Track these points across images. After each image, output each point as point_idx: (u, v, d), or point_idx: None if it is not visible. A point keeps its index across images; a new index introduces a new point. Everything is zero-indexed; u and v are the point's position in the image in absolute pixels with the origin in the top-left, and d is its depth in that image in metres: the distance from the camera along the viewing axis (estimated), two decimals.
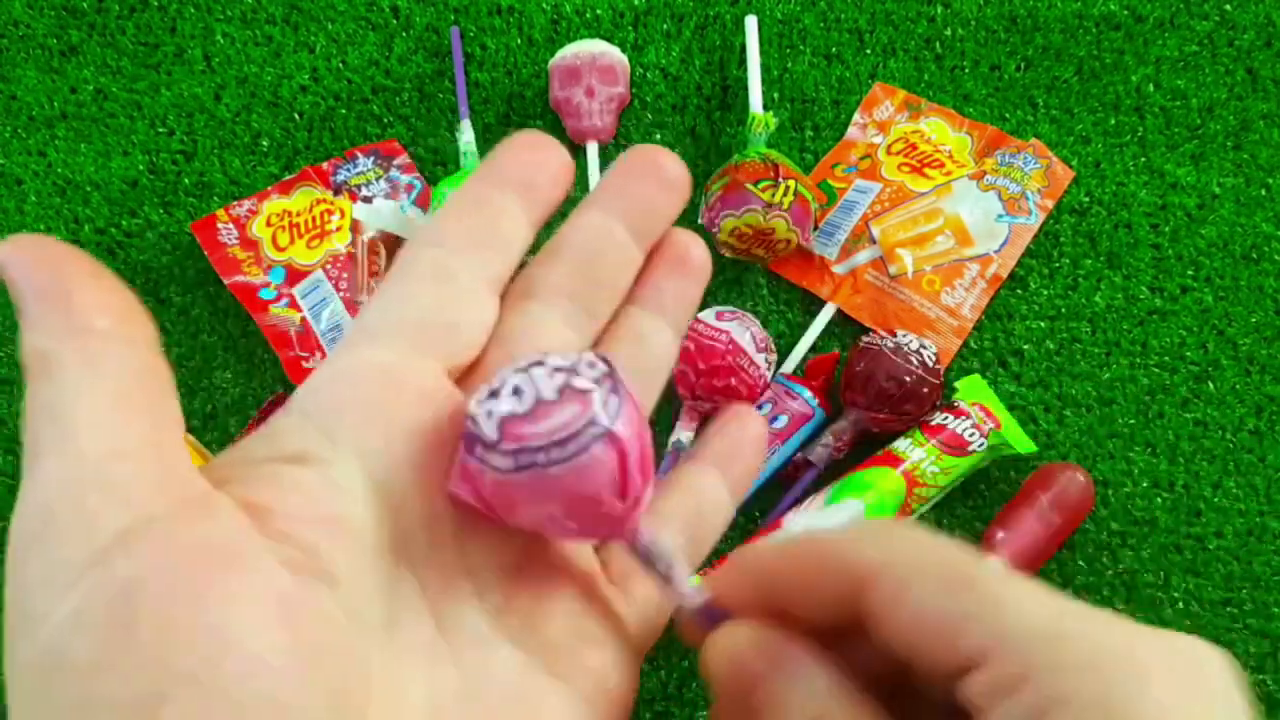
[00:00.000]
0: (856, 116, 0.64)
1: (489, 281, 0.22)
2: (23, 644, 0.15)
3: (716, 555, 0.52)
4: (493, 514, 0.19)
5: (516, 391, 0.18)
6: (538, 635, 0.20)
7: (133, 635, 0.14)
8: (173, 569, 0.15)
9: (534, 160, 0.23)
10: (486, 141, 0.63)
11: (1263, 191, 0.62)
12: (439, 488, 0.19)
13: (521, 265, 0.23)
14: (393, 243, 0.60)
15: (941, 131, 0.63)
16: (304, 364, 0.57)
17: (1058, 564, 0.54)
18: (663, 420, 0.56)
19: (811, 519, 0.51)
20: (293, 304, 0.58)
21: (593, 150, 0.61)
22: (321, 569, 0.16)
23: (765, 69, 0.64)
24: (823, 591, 0.19)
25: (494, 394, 0.18)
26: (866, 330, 0.58)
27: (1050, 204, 0.60)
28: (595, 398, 0.18)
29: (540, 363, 0.18)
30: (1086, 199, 0.61)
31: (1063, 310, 0.59)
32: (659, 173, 0.23)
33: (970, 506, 0.55)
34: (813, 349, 0.58)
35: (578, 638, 0.20)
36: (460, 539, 0.20)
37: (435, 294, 0.21)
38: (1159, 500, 0.55)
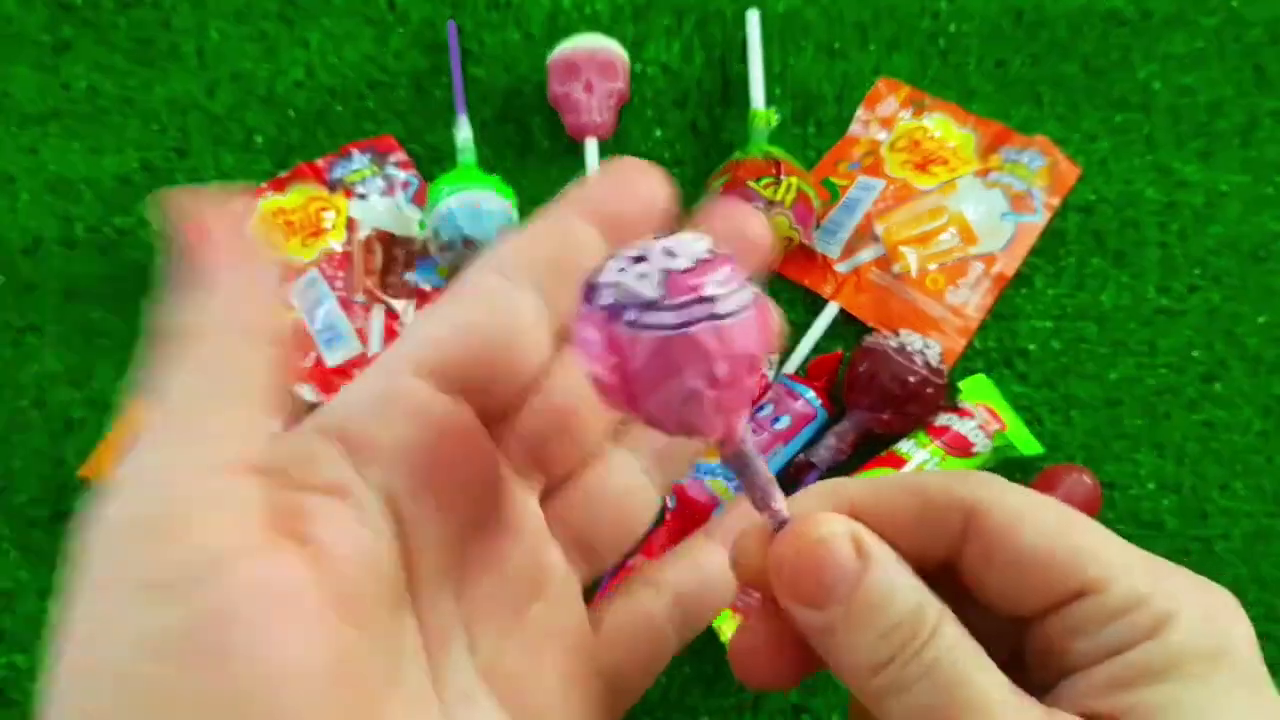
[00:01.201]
0: (859, 113, 0.63)
1: (548, 319, 0.21)
2: (81, 643, 0.15)
3: None
4: (628, 399, 0.18)
5: (669, 253, 0.17)
6: (524, 700, 0.20)
7: (202, 669, 0.15)
8: (248, 608, 0.15)
9: (625, 191, 0.21)
10: (484, 137, 0.62)
11: (1271, 189, 0.61)
12: (454, 534, 0.19)
13: None
14: (389, 241, 0.59)
15: (946, 128, 0.62)
16: (298, 365, 0.56)
17: None
18: None
19: None
20: (286, 303, 0.58)
21: (591, 147, 0.60)
22: (365, 617, 0.17)
23: (767, 64, 0.63)
24: (924, 525, 0.19)
25: (638, 259, 0.17)
26: (870, 330, 0.57)
27: (1056, 202, 0.59)
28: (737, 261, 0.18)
29: (670, 237, 0.18)
30: (1093, 197, 0.61)
31: (1069, 310, 0.58)
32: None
33: None
34: (815, 349, 0.57)
35: (563, 706, 0.21)
36: (460, 588, 0.20)
37: (488, 326, 0.20)
38: (1166, 502, 0.55)
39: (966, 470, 0.20)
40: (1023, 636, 0.19)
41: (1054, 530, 0.18)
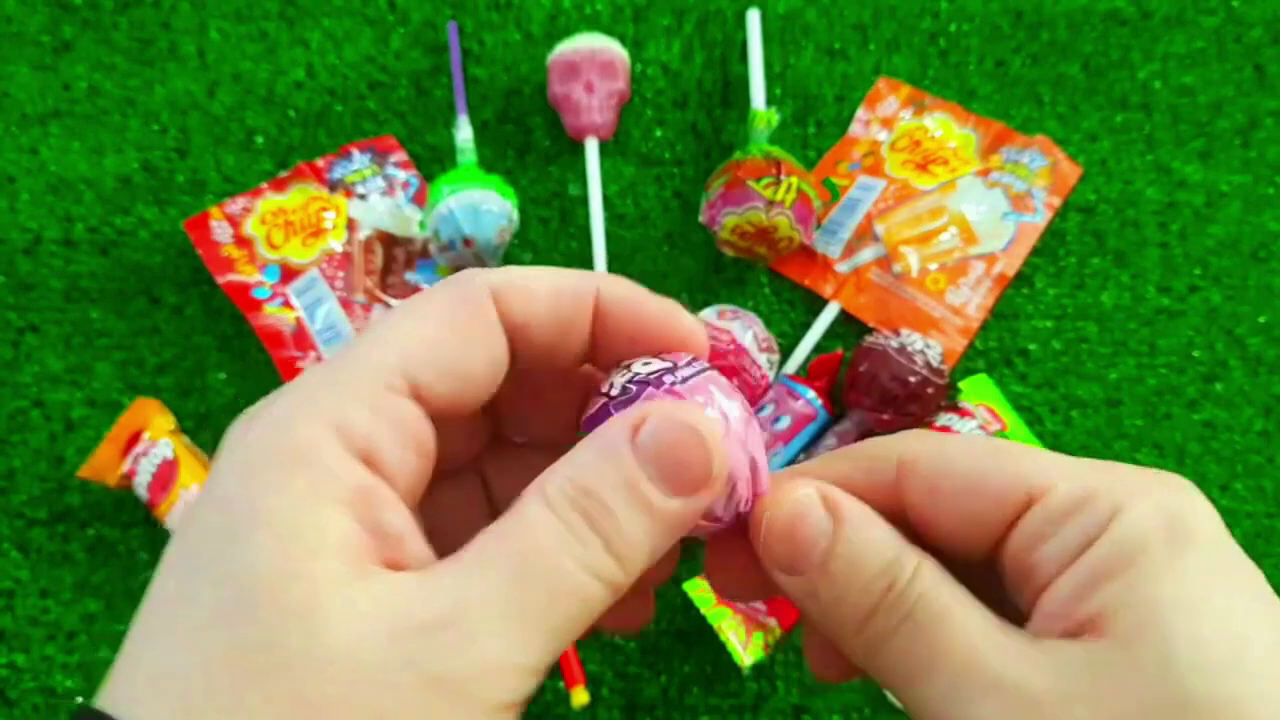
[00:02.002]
0: (860, 113, 0.63)
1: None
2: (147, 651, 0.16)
3: None
4: None
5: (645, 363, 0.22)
6: None
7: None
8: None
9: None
10: (484, 137, 0.62)
11: (1271, 189, 0.61)
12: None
13: None
14: (389, 241, 0.59)
15: (946, 128, 0.62)
16: (298, 364, 0.56)
17: None
18: None
19: None
20: (286, 303, 0.57)
21: (592, 146, 0.60)
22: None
23: (767, 64, 0.63)
24: (870, 486, 0.20)
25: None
26: (870, 330, 0.57)
27: (1057, 202, 0.59)
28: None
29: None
30: (1093, 196, 0.61)
31: (1069, 309, 0.58)
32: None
33: None
34: (816, 349, 0.57)
35: None
36: None
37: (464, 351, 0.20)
38: None
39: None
40: (998, 581, 0.19)
41: (985, 454, 0.19)
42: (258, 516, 0.16)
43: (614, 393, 0.20)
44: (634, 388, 0.20)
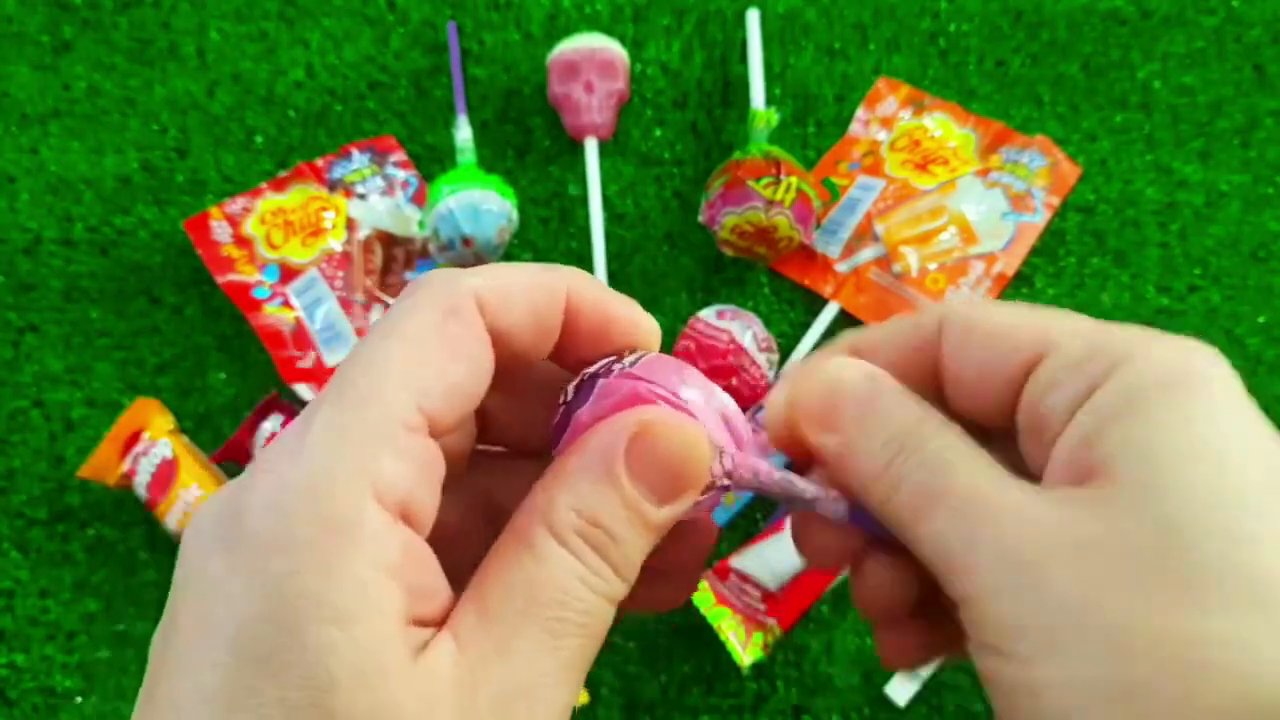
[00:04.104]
0: (859, 112, 0.63)
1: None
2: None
3: (719, 555, 0.52)
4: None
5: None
6: None
7: None
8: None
9: None
10: (484, 138, 0.62)
11: (1271, 189, 0.61)
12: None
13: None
14: (388, 240, 0.59)
15: (946, 128, 0.62)
16: (298, 364, 0.56)
17: None
18: None
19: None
20: (286, 303, 0.57)
21: (591, 146, 0.60)
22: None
23: (767, 64, 0.63)
24: (912, 344, 0.22)
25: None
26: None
27: (1056, 201, 0.59)
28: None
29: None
30: (1093, 196, 0.61)
31: (1069, 309, 0.58)
32: None
33: None
34: (815, 348, 0.57)
35: None
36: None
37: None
38: None
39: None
40: (1020, 457, 0.20)
41: (1014, 311, 0.20)
42: (317, 604, 0.15)
43: (569, 397, 0.21)
44: (587, 383, 0.21)
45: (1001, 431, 0.21)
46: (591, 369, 0.21)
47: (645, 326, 0.22)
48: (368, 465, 0.16)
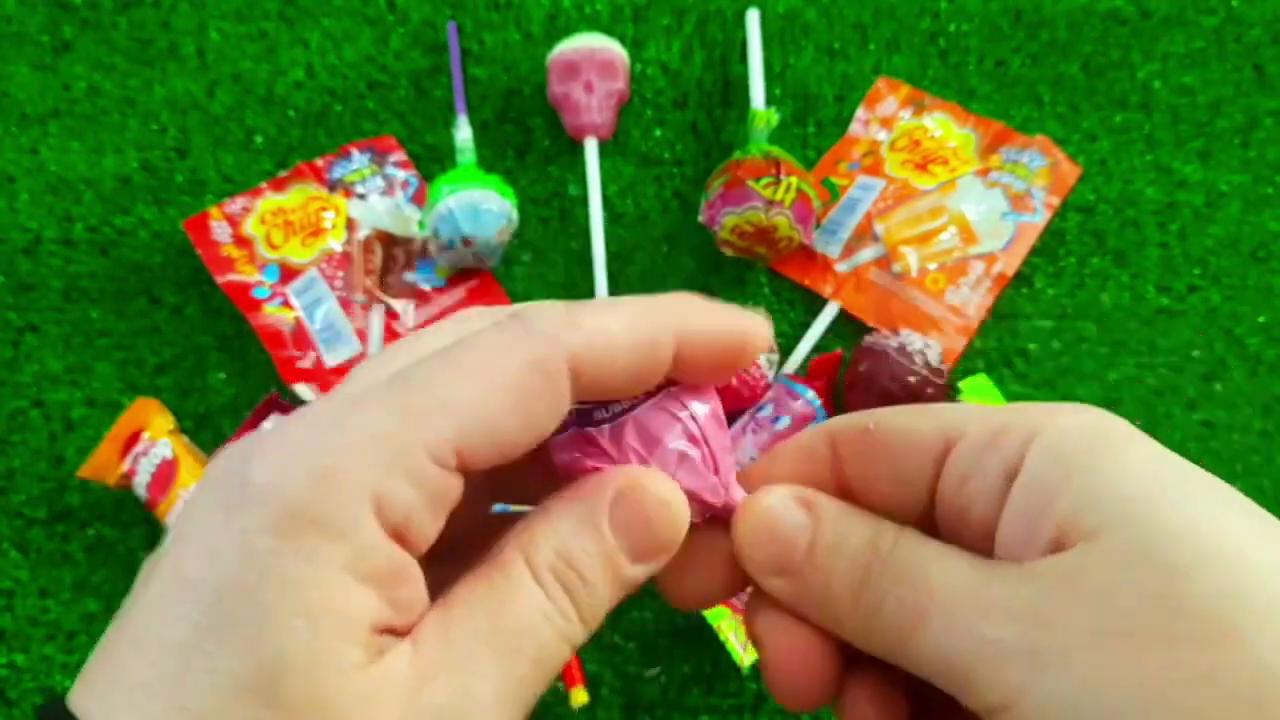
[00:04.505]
0: (859, 112, 0.63)
1: None
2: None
3: None
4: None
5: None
6: None
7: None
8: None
9: None
10: (484, 138, 0.62)
11: (1270, 189, 0.61)
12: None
13: None
14: (388, 240, 0.59)
15: (946, 128, 0.62)
16: (297, 364, 0.56)
17: None
18: None
19: None
20: (286, 303, 0.57)
21: (591, 146, 0.60)
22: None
23: (767, 64, 0.63)
24: (809, 472, 0.22)
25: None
26: (870, 330, 0.57)
27: (1056, 201, 0.59)
28: None
29: None
30: (1093, 196, 0.61)
31: (1069, 309, 0.58)
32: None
33: None
34: (815, 349, 0.57)
35: None
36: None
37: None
38: None
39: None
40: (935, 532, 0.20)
41: (904, 415, 0.20)
42: (291, 591, 0.16)
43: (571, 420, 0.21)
44: (569, 427, 0.21)
45: (918, 525, 0.20)
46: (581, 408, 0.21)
47: (757, 342, 0.21)
48: (382, 481, 0.16)
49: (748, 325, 0.20)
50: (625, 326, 0.19)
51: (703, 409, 0.21)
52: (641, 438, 0.20)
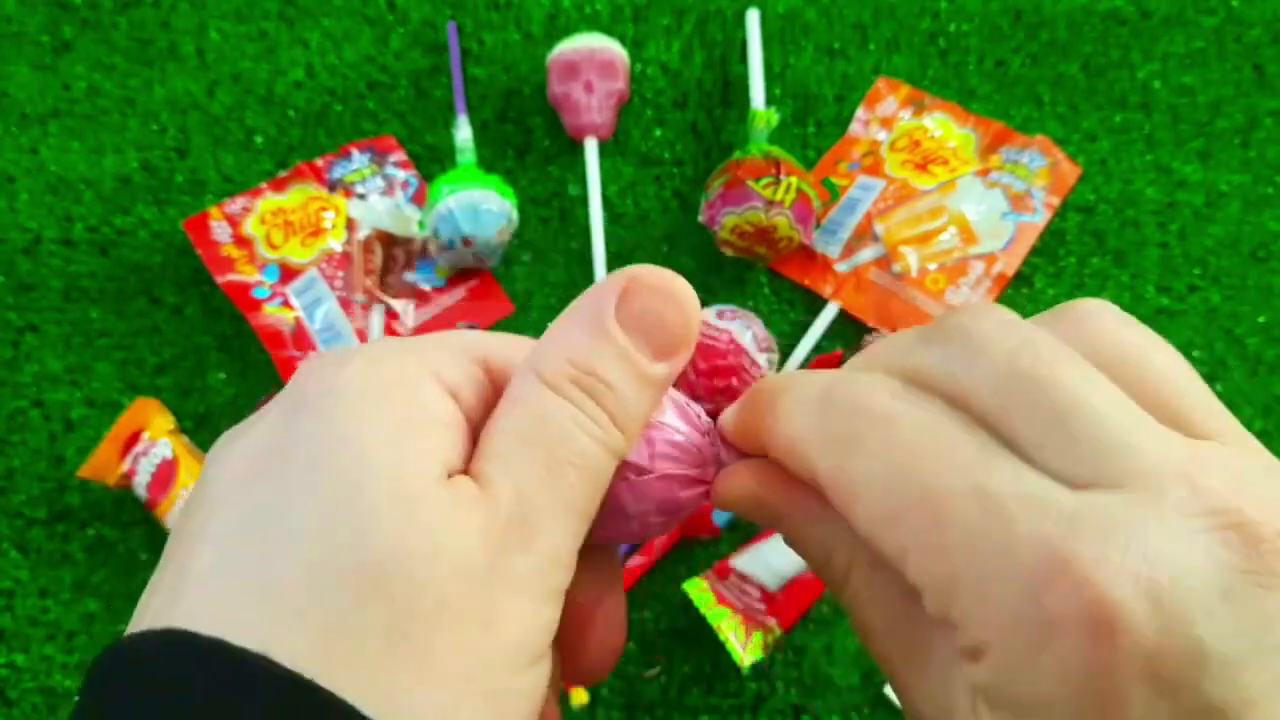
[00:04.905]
0: (859, 112, 0.63)
1: None
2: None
3: (719, 555, 0.52)
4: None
5: None
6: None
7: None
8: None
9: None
10: (484, 138, 0.62)
11: (1270, 189, 0.61)
12: None
13: None
14: (388, 240, 0.59)
15: (946, 128, 0.62)
16: (297, 364, 0.56)
17: None
18: None
19: None
20: (286, 303, 0.57)
21: (591, 146, 0.60)
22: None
23: (767, 64, 0.63)
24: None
25: None
26: (870, 330, 0.57)
27: (1056, 201, 0.59)
28: None
29: None
30: (1093, 197, 0.61)
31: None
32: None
33: None
34: (815, 349, 0.57)
35: None
36: None
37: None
38: None
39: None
40: None
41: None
42: (368, 425, 0.17)
43: None
44: None
45: None
46: None
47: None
48: (428, 357, 0.19)
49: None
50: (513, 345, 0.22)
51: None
52: None
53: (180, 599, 0.16)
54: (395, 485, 0.16)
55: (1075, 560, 0.14)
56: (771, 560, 0.50)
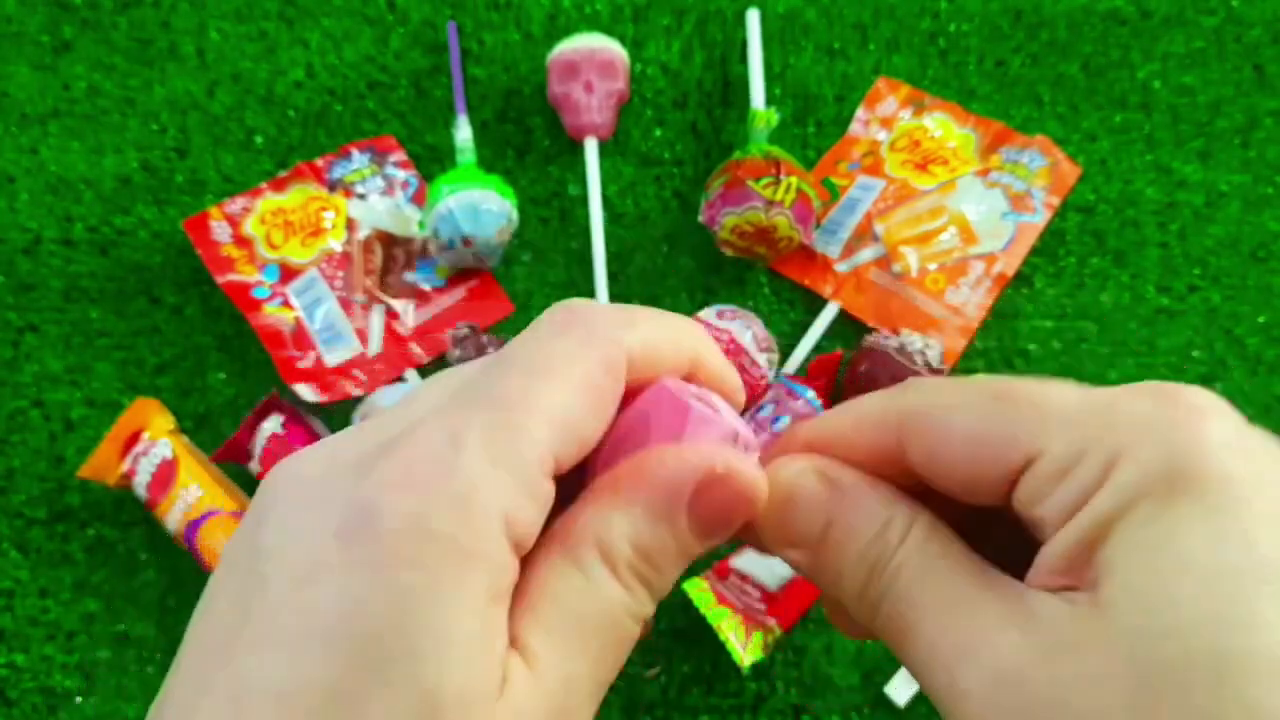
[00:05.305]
0: (859, 112, 0.63)
1: None
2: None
3: (719, 555, 0.52)
4: None
5: None
6: None
7: None
8: None
9: None
10: (484, 138, 0.62)
11: (1270, 189, 0.61)
12: None
13: None
14: (388, 240, 0.59)
15: (946, 128, 0.62)
16: (297, 364, 0.56)
17: None
18: None
19: None
20: (286, 303, 0.57)
21: (591, 147, 0.60)
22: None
23: (767, 64, 0.63)
24: (871, 448, 0.20)
25: None
26: (870, 330, 0.57)
27: (1056, 201, 0.59)
28: None
29: None
30: (1093, 197, 0.61)
31: (1069, 310, 0.58)
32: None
33: None
34: (815, 349, 0.57)
35: None
36: None
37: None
38: None
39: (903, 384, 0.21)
40: (1004, 523, 0.19)
41: (982, 412, 0.18)
42: (439, 624, 0.15)
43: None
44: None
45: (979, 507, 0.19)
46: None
47: (736, 396, 0.22)
48: (512, 500, 0.17)
49: (735, 380, 0.22)
50: (664, 329, 0.20)
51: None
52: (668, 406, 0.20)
53: None
54: (466, 708, 0.15)
55: None
56: (771, 560, 0.50)
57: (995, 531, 0.20)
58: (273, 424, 0.53)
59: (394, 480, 0.16)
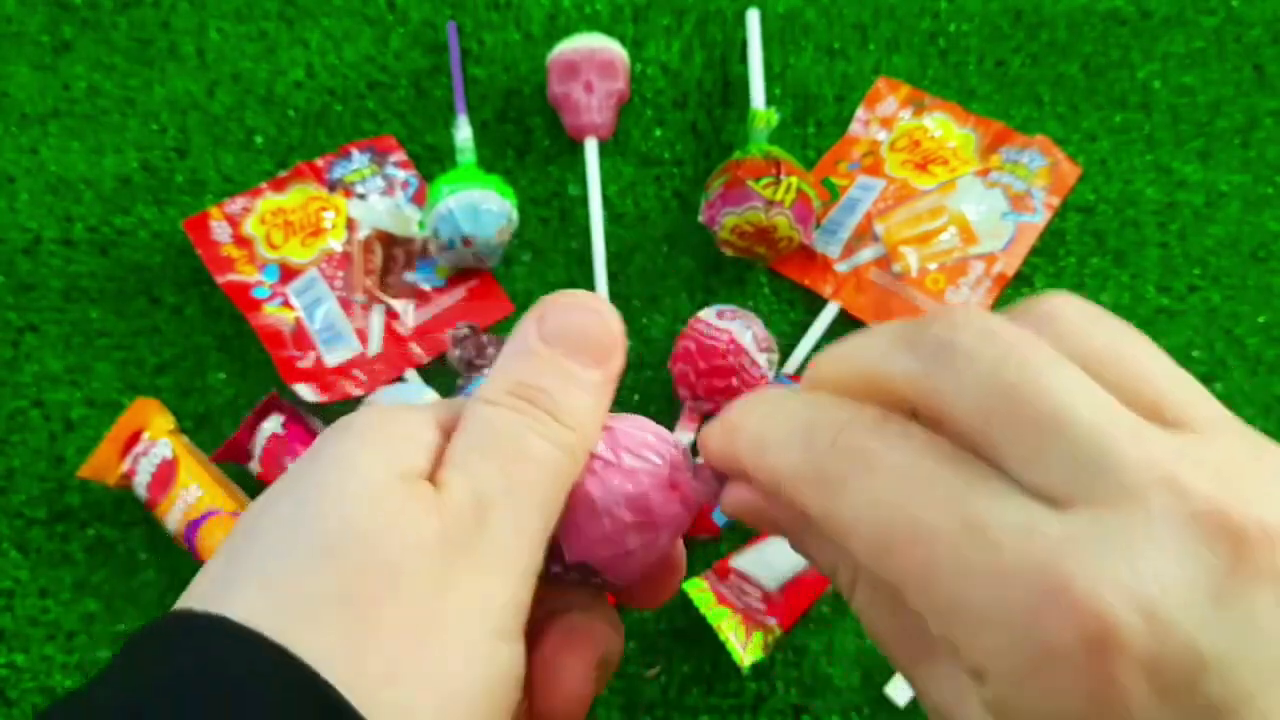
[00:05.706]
0: (859, 112, 0.63)
1: None
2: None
3: (719, 555, 0.52)
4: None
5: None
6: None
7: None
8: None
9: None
10: (484, 138, 0.62)
11: (1270, 189, 0.61)
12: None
13: None
14: (388, 240, 0.59)
15: (946, 128, 0.62)
16: (298, 364, 0.56)
17: None
18: (664, 422, 0.55)
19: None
20: (286, 303, 0.57)
21: (591, 146, 0.60)
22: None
23: (767, 64, 0.63)
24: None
25: None
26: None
27: (1056, 201, 0.59)
28: None
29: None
30: (1093, 196, 0.61)
31: None
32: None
33: None
34: (815, 349, 0.57)
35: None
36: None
37: None
38: None
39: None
40: None
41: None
42: (357, 443, 0.19)
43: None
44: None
45: None
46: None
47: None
48: (429, 409, 0.21)
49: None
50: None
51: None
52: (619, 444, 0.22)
53: (193, 586, 0.19)
54: (360, 482, 0.18)
55: (1067, 584, 0.15)
56: (771, 560, 0.50)
57: None
58: (273, 424, 0.53)
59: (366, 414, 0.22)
